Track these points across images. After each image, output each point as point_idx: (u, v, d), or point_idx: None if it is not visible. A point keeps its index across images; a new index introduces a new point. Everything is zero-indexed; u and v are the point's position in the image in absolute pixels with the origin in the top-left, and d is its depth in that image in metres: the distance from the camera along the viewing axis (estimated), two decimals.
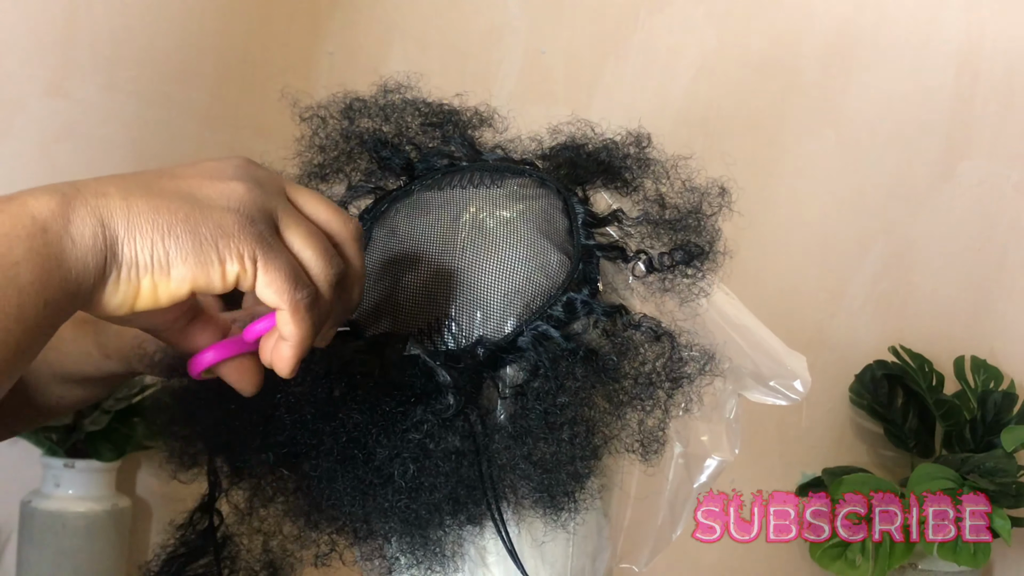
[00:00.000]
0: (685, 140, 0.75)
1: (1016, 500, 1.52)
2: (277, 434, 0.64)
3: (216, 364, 0.58)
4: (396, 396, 0.63)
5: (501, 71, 1.75)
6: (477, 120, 0.74)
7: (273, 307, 0.53)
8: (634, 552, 0.75)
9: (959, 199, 1.80)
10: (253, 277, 0.52)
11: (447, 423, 0.63)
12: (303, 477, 0.66)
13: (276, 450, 0.65)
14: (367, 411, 0.62)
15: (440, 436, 0.62)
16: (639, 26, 1.78)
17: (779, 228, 1.78)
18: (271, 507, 0.68)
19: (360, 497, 0.64)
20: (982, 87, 1.80)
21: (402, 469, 0.62)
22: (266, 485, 0.67)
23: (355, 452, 0.63)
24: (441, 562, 0.65)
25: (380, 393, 0.63)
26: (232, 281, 0.51)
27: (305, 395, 0.63)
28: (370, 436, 0.62)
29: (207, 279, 0.51)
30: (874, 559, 1.51)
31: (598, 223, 0.70)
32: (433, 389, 0.63)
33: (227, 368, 0.58)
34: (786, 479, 1.71)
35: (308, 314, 0.53)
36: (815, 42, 1.80)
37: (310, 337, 0.54)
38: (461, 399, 0.63)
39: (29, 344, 0.47)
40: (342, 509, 0.64)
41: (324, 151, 0.71)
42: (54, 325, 0.49)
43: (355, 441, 0.63)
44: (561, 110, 0.76)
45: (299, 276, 0.53)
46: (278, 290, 0.52)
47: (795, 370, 0.75)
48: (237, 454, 0.67)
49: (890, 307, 1.81)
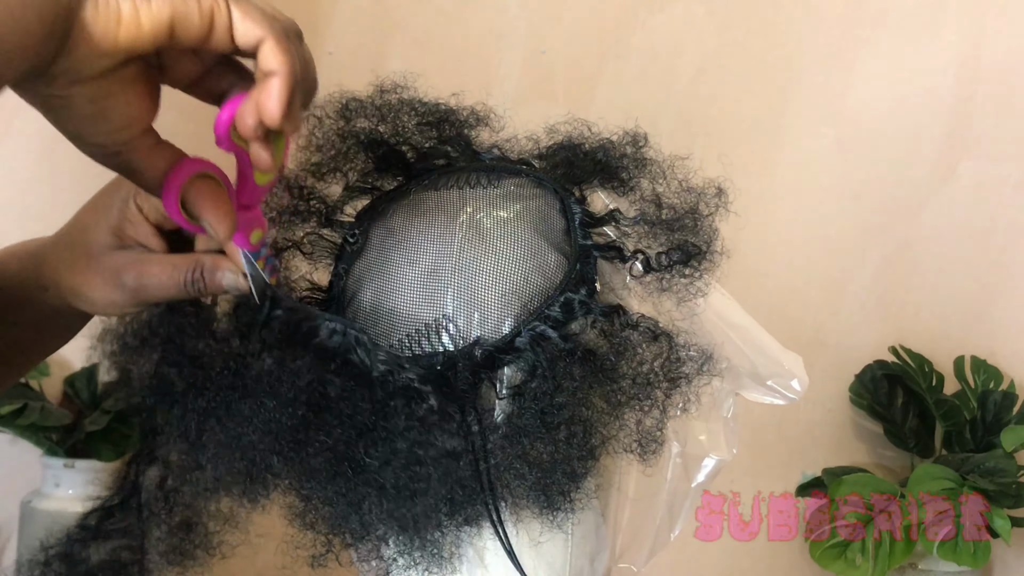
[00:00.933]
0: (685, 140, 0.75)
1: (1016, 500, 1.52)
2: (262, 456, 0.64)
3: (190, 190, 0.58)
4: (377, 405, 0.63)
5: (501, 71, 1.75)
6: (474, 120, 0.74)
7: (253, 42, 0.53)
8: (633, 552, 0.75)
9: (959, 199, 1.79)
10: (227, 14, 0.52)
11: (440, 426, 0.63)
12: (296, 482, 0.66)
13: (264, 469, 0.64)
14: (347, 425, 0.63)
15: (430, 440, 0.63)
16: (639, 26, 1.78)
17: (779, 228, 1.78)
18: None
19: (354, 503, 0.64)
20: (982, 87, 1.79)
21: (393, 478, 0.62)
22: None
23: (344, 467, 0.63)
24: (439, 563, 0.65)
25: (358, 404, 0.63)
26: (207, 16, 0.52)
27: (276, 422, 0.63)
28: (356, 450, 0.63)
29: (185, 8, 0.51)
30: (874, 559, 1.51)
31: (595, 223, 0.70)
32: (415, 395, 0.63)
33: (206, 207, 0.58)
34: (786, 479, 1.71)
35: (290, 42, 0.53)
36: (815, 42, 1.80)
37: (296, 69, 0.54)
38: (443, 401, 0.63)
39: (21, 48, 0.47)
40: (336, 513, 0.65)
41: (321, 151, 0.71)
42: (45, 35, 0.48)
43: (341, 456, 0.63)
44: (561, 110, 0.76)
45: (273, 9, 0.53)
46: (257, 20, 0.52)
47: (792, 369, 0.75)
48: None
49: (890, 307, 1.81)
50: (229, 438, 0.63)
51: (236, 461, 0.63)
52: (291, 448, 0.63)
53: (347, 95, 0.72)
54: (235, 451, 0.63)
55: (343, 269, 0.71)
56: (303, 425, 0.62)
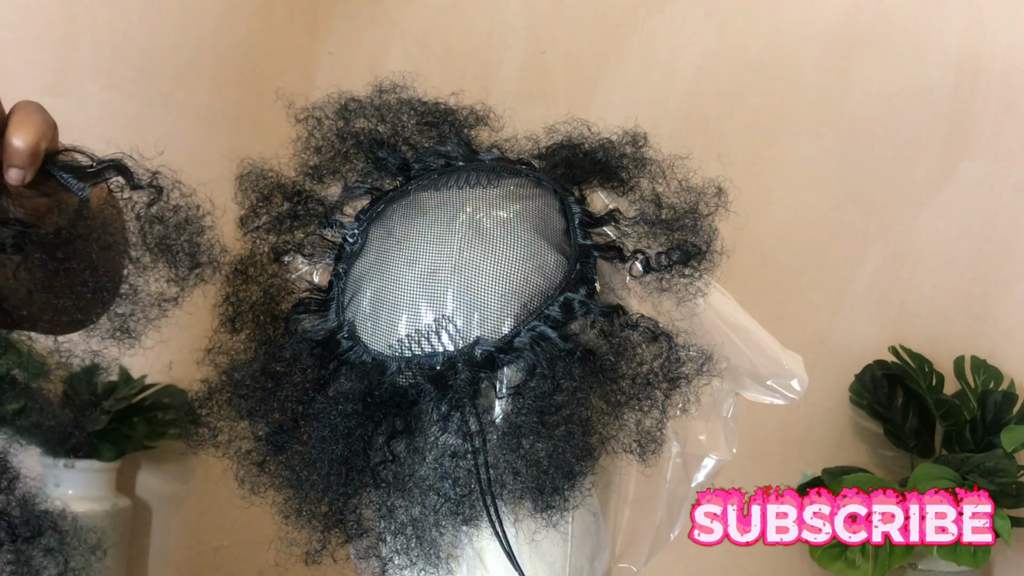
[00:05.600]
0: (685, 140, 0.75)
1: (1016, 500, 1.52)
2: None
3: None
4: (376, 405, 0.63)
5: (501, 71, 1.75)
6: (473, 119, 0.74)
7: None
8: (632, 552, 0.75)
9: (959, 199, 1.79)
10: None
11: (439, 425, 0.63)
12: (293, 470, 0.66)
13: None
14: (340, 432, 0.63)
15: (430, 439, 0.63)
16: (639, 26, 1.78)
17: (779, 228, 1.78)
18: None
19: (349, 495, 0.64)
20: (982, 87, 1.79)
21: (391, 475, 0.63)
22: None
23: (340, 470, 0.63)
24: (435, 562, 0.65)
25: (348, 408, 0.64)
26: None
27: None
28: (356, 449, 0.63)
29: None
30: (874, 559, 1.51)
31: (595, 223, 0.70)
32: (415, 395, 0.63)
33: None
34: (786, 479, 1.71)
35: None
36: (815, 42, 1.80)
37: None
38: (443, 400, 0.63)
39: None
40: (333, 504, 0.65)
41: (320, 152, 0.71)
42: None
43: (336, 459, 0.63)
44: (561, 110, 0.76)
45: None
46: None
47: (792, 369, 0.75)
48: None
49: (890, 307, 1.81)
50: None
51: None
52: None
53: (346, 95, 0.72)
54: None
55: (343, 269, 0.71)
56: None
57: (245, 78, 1.61)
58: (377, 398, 0.65)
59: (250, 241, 0.73)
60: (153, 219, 0.64)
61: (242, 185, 0.73)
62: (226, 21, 1.60)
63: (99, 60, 1.52)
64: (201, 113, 1.58)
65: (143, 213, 0.64)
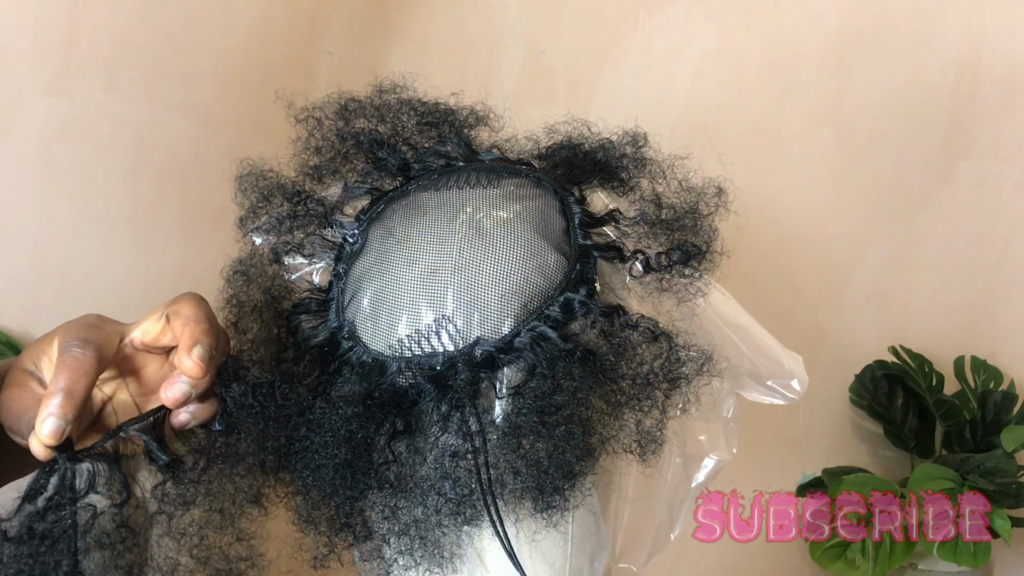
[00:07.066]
0: (685, 140, 0.75)
1: (1016, 500, 1.52)
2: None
3: None
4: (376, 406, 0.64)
5: (501, 71, 1.75)
6: (473, 119, 0.74)
7: None
8: (633, 552, 0.75)
9: (959, 199, 1.79)
10: None
11: (439, 425, 0.63)
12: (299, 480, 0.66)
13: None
14: (342, 436, 0.64)
15: (430, 439, 0.63)
16: (639, 26, 1.78)
17: (779, 228, 1.78)
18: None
19: (354, 498, 0.64)
20: (982, 87, 1.79)
21: (393, 477, 0.63)
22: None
23: (345, 474, 0.64)
24: (439, 563, 0.65)
25: (348, 412, 0.64)
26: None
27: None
28: (354, 464, 0.63)
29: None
30: (874, 559, 1.51)
31: (595, 223, 0.70)
32: (415, 395, 0.63)
33: None
34: (786, 479, 1.71)
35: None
36: (814, 42, 1.80)
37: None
38: (443, 401, 0.63)
39: None
40: (339, 512, 0.65)
41: (320, 152, 0.71)
42: None
43: (336, 464, 0.64)
44: (561, 110, 0.76)
45: None
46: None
47: (792, 369, 0.75)
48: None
49: (890, 307, 1.81)
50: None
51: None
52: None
53: (346, 95, 0.72)
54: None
55: (343, 269, 0.71)
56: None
57: (245, 78, 1.61)
58: (377, 399, 0.65)
59: (250, 241, 0.73)
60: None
61: (242, 185, 0.73)
62: (226, 21, 1.60)
63: (99, 60, 1.52)
64: (201, 113, 1.58)
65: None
